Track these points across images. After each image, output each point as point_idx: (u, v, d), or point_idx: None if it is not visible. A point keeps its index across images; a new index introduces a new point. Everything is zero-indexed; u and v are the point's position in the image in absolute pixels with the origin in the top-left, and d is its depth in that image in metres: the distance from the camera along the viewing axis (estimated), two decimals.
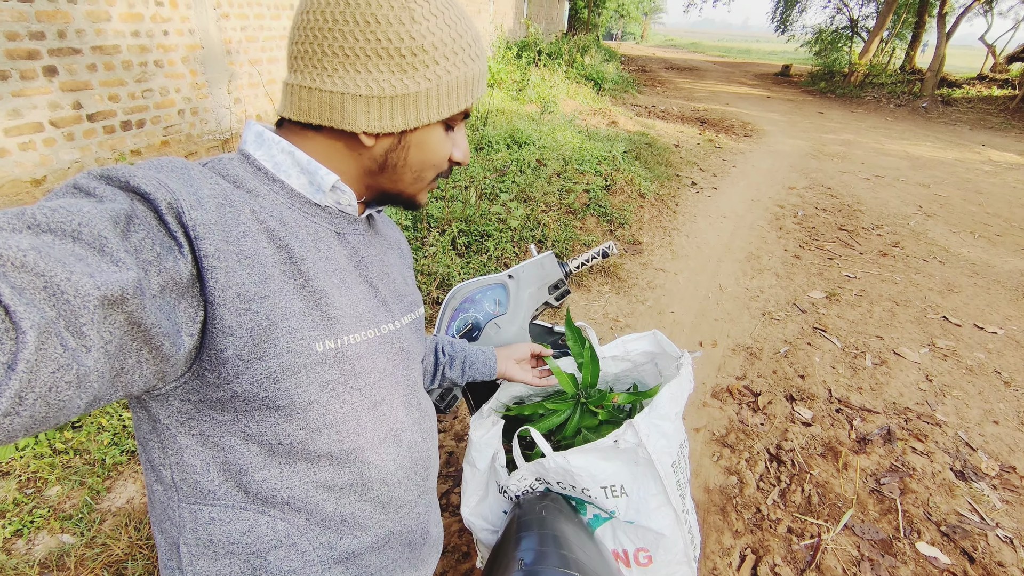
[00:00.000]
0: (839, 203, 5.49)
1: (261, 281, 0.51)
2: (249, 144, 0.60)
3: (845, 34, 20.09)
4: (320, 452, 0.59)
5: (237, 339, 0.50)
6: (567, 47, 11.53)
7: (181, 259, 0.46)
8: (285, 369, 0.53)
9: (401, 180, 0.64)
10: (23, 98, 2.72)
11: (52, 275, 0.34)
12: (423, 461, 0.73)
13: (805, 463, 2.11)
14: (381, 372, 0.65)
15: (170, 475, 0.57)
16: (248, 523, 0.58)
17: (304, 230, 0.59)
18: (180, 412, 0.54)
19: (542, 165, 4.36)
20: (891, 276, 3.84)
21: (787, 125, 10.26)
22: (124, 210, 0.42)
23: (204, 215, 0.48)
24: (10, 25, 2.63)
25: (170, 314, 0.45)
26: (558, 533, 1.00)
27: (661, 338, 1.26)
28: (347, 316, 0.60)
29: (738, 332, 3.04)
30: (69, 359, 0.34)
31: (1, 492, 1.69)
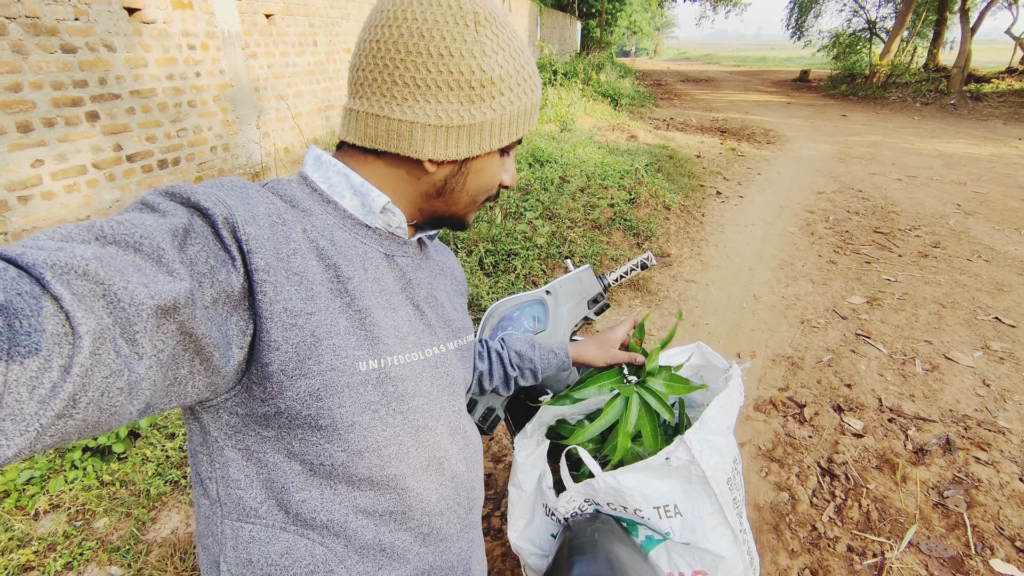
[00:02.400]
0: (872, 205, 5.34)
1: (308, 298, 0.52)
2: (308, 166, 0.62)
3: (863, 36, 19.84)
4: (361, 476, 0.59)
5: (282, 354, 0.50)
6: (582, 65, 11.64)
7: (234, 272, 0.47)
8: (328, 387, 0.53)
9: (457, 203, 0.66)
10: (68, 143, 2.85)
11: (111, 283, 0.35)
12: (467, 492, 0.71)
13: (860, 476, 2.01)
14: (425, 396, 0.64)
15: (216, 489, 0.58)
16: (287, 545, 0.58)
17: (353, 250, 0.59)
18: (229, 425, 0.55)
19: (565, 182, 4.37)
20: (934, 278, 3.69)
21: (810, 130, 10.10)
22: (183, 224, 0.44)
23: (257, 231, 0.49)
24: (56, 75, 2.77)
25: (222, 326, 0.46)
26: (612, 557, 0.96)
27: (706, 350, 1.22)
28: (391, 337, 0.60)
29: (777, 342, 2.94)
30: (121, 365, 0.35)
31: (52, 525, 1.71)
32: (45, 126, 2.76)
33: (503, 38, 0.58)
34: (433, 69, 0.56)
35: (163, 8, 3.30)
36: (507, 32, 0.59)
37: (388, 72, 0.56)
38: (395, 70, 0.56)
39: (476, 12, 0.56)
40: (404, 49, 0.55)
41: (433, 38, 0.55)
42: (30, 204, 2.68)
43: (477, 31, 0.56)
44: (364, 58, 0.58)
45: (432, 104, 0.57)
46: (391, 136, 0.59)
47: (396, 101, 0.57)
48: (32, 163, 2.69)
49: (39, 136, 2.73)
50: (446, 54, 0.55)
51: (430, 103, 0.57)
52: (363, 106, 0.59)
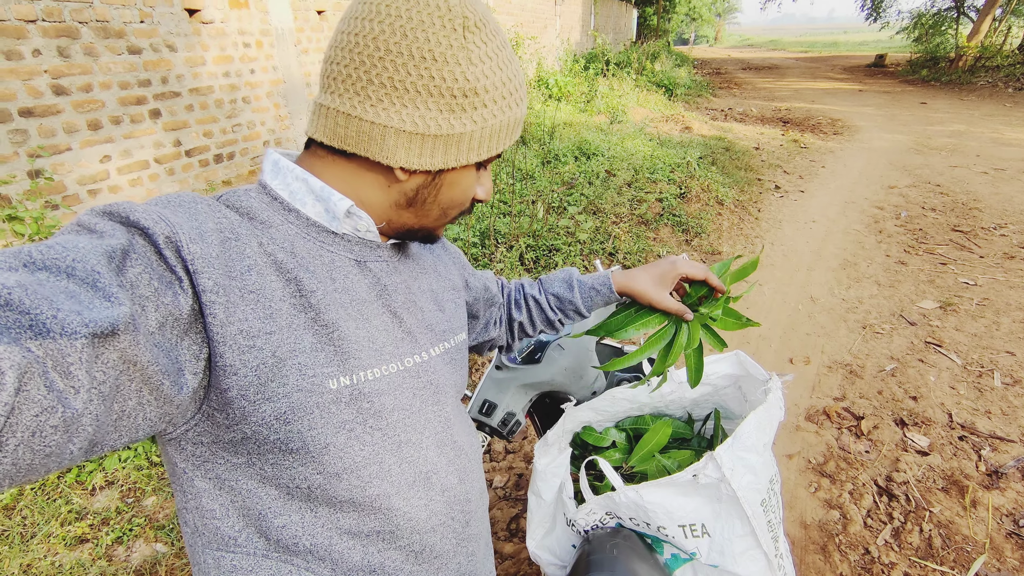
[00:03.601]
0: (951, 201, 4.91)
1: (266, 316, 0.49)
2: (267, 173, 0.59)
3: (949, 16, 18.29)
4: (342, 498, 0.56)
5: (241, 378, 0.48)
6: (636, 55, 11.33)
7: (181, 293, 0.44)
8: (296, 409, 0.51)
9: (427, 216, 0.62)
10: (132, 139, 3.01)
11: (37, 312, 0.32)
12: (461, 506, 0.67)
13: (923, 498, 1.85)
14: (406, 409, 0.61)
15: (192, 519, 0.56)
16: (271, 572, 0.56)
17: (318, 260, 0.56)
18: (194, 455, 0.52)
19: (611, 176, 4.25)
20: (1021, 282, 3.35)
21: (884, 119, 9.42)
22: (121, 244, 0.41)
23: (204, 248, 0.46)
24: (123, 75, 2.93)
25: (170, 352, 0.43)
26: (634, 572, 0.90)
27: (744, 359, 1.14)
28: (364, 350, 0.56)
29: (834, 348, 2.75)
30: (54, 401, 0.32)
31: (107, 500, 1.82)
32: (112, 124, 2.93)
33: (492, 46, 0.55)
34: (414, 72, 0.52)
35: (221, 8, 3.42)
36: (497, 40, 0.56)
37: (365, 69, 0.53)
38: (372, 68, 0.52)
39: (465, 16, 0.52)
40: (384, 47, 0.52)
41: (417, 39, 0.51)
42: (98, 197, 2.85)
43: (465, 36, 0.53)
44: (340, 51, 0.54)
45: (409, 109, 0.54)
46: (361, 138, 0.55)
47: (370, 101, 0.54)
48: (101, 159, 2.86)
49: (107, 133, 2.90)
50: (429, 57, 0.52)
51: (407, 107, 0.54)
52: (334, 102, 0.55)
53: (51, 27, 2.62)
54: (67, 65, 2.70)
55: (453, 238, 3.25)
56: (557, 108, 6.84)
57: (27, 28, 2.53)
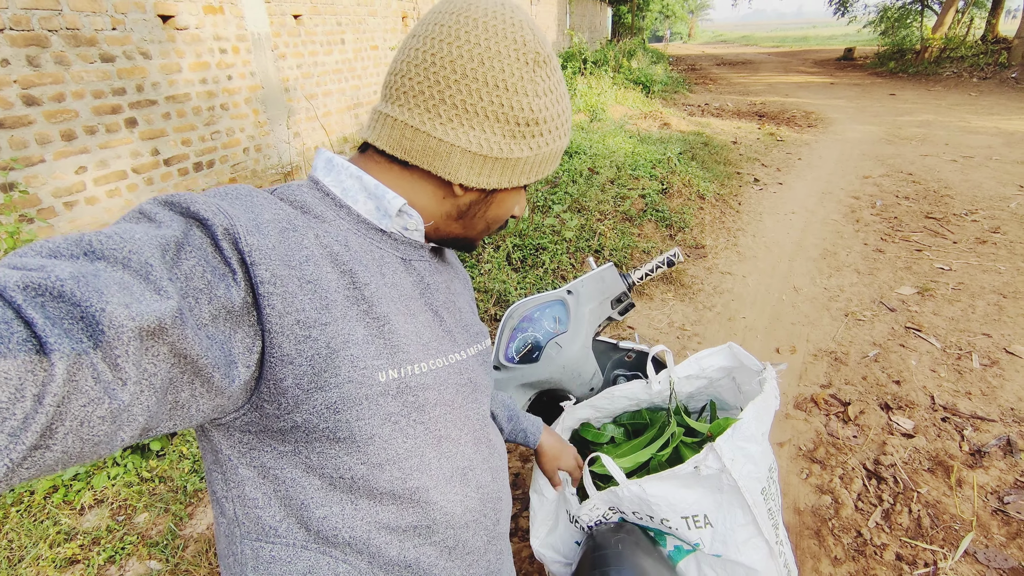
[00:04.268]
0: (923, 189, 5.04)
1: (322, 307, 0.50)
2: (319, 170, 0.61)
3: (914, 9, 18.75)
4: (383, 489, 0.57)
5: (297, 367, 0.49)
6: (612, 53, 11.40)
7: (234, 286, 0.45)
8: (346, 400, 0.52)
9: (474, 229, 0.66)
10: (109, 149, 2.95)
11: (88, 305, 0.33)
12: (493, 504, 0.69)
13: (910, 480, 1.90)
14: (448, 405, 0.62)
15: (232, 509, 0.57)
16: (309, 564, 0.57)
17: (369, 255, 0.58)
18: (241, 443, 0.54)
19: (594, 173, 4.28)
20: (993, 265, 3.45)
21: (855, 111, 9.63)
22: (177, 236, 0.42)
23: (262, 240, 0.47)
24: (96, 84, 2.87)
25: (223, 344, 0.44)
26: (637, 569, 0.91)
27: (738, 351, 1.15)
28: (412, 344, 0.58)
29: (819, 336, 2.81)
30: (101, 392, 0.33)
31: (96, 519, 1.78)
32: (87, 134, 2.87)
33: (553, 81, 0.60)
34: (486, 98, 0.56)
35: (195, 14, 3.37)
36: (557, 76, 0.61)
37: (439, 89, 0.56)
38: (446, 89, 0.56)
39: (537, 52, 0.57)
40: (460, 71, 0.55)
41: (492, 68, 0.55)
42: (75, 209, 2.79)
43: (534, 70, 0.57)
44: (413, 67, 0.57)
45: (476, 131, 0.57)
46: (427, 152, 0.58)
47: (440, 120, 0.57)
48: (76, 170, 2.80)
49: (82, 144, 2.83)
50: (502, 86, 0.56)
51: (474, 130, 0.57)
52: (402, 115, 0.58)
53: (19, 36, 2.55)
54: (37, 75, 2.63)
55: None
56: None
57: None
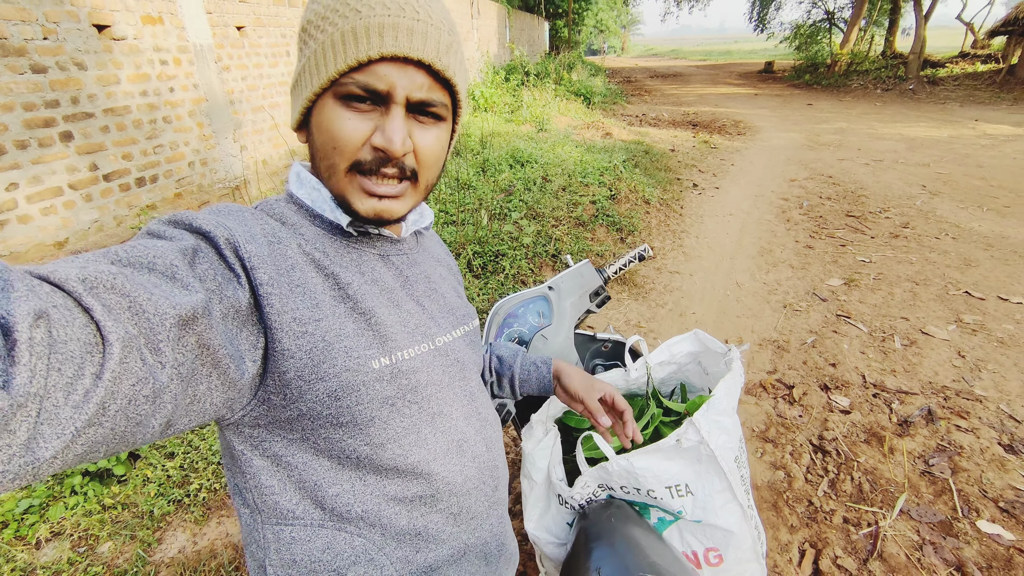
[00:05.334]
0: (842, 190, 5.50)
1: (313, 306, 0.55)
2: (292, 184, 0.65)
3: (823, 27, 20.38)
4: (387, 465, 0.61)
5: (297, 360, 0.53)
6: (553, 66, 11.73)
7: (240, 288, 0.50)
8: (345, 387, 0.56)
9: (320, 172, 0.61)
10: (42, 164, 2.79)
11: (136, 296, 0.38)
12: (490, 471, 0.73)
13: (850, 451, 2.09)
14: (438, 384, 0.67)
15: (252, 498, 0.60)
16: (327, 540, 0.60)
17: (347, 257, 0.63)
18: (252, 437, 0.57)
19: (547, 181, 4.41)
20: (906, 257, 3.83)
21: (778, 120, 10.34)
22: (191, 245, 0.48)
23: (258, 249, 0.53)
24: (27, 96, 2.72)
25: (233, 340, 0.48)
26: (629, 539, 0.99)
27: (703, 336, 1.27)
28: (399, 333, 0.62)
29: (762, 327, 3.03)
30: (147, 373, 0.37)
31: (55, 553, 1.69)
32: (18, 148, 2.70)
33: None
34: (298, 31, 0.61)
35: (133, 24, 3.25)
36: None
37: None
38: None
39: None
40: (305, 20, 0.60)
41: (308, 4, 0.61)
42: (7, 229, 2.62)
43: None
44: None
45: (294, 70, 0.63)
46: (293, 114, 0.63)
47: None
48: (7, 187, 2.63)
49: (12, 159, 2.67)
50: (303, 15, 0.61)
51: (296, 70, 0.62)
52: None
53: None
54: None
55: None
56: (484, 119, 6.97)
57: None
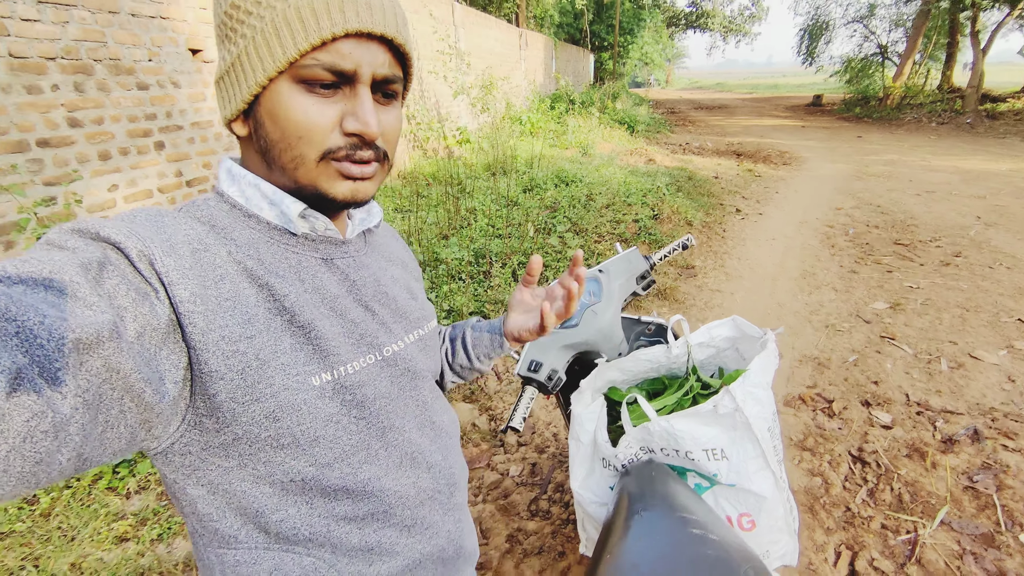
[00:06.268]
0: (891, 219, 5.43)
1: (245, 321, 0.50)
2: (223, 182, 0.59)
3: (875, 60, 20.11)
4: (335, 486, 0.58)
5: (228, 382, 0.49)
6: (598, 95, 12.02)
7: (158, 303, 0.45)
8: (284, 407, 0.52)
9: (278, 164, 0.55)
10: (139, 169, 3.13)
11: (24, 320, 0.32)
12: (447, 479, 0.70)
13: (891, 464, 2.10)
14: (387, 397, 0.62)
15: (191, 523, 0.57)
16: (275, 562, 0.57)
17: (285, 263, 0.57)
18: (184, 466, 0.53)
19: (591, 200, 4.57)
20: (956, 284, 3.77)
21: (826, 151, 10.25)
22: (96, 257, 0.42)
23: (177, 261, 0.47)
24: (131, 109, 3.08)
25: (151, 361, 0.43)
26: (669, 492, 1.09)
27: (741, 322, 1.37)
28: (342, 345, 0.58)
29: (803, 344, 3.05)
30: (43, 406, 0.32)
31: (142, 502, 1.89)
32: (121, 154, 3.06)
33: None
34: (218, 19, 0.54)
35: None
36: None
37: None
38: None
39: None
40: None
41: None
42: None
43: None
44: None
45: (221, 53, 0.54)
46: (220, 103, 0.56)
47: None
48: (109, 188, 2.97)
49: (115, 163, 3.02)
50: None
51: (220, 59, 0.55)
52: None
53: (69, 64, 2.76)
54: (82, 99, 2.83)
55: (451, 257, 3.46)
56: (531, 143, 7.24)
57: (47, 65, 2.67)
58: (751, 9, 28.77)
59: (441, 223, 4.04)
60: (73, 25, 2.76)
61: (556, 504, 1.95)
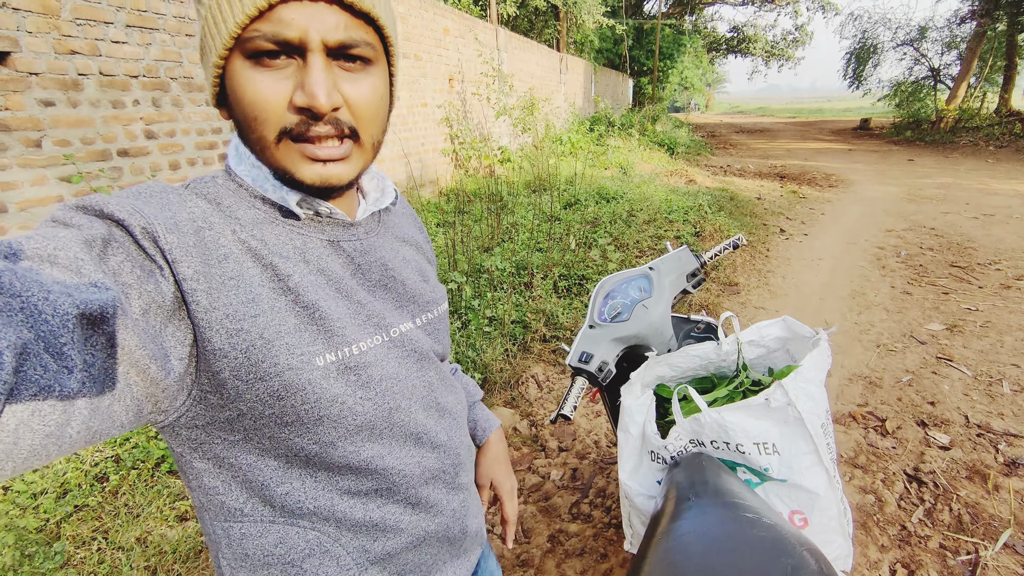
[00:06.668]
0: (946, 242, 5.24)
1: (249, 300, 0.50)
2: (231, 158, 0.58)
3: (927, 84, 19.54)
4: (338, 463, 0.58)
5: (232, 360, 0.49)
6: (637, 117, 12.09)
7: (163, 280, 0.45)
8: (288, 387, 0.52)
9: (250, 148, 0.55)
10: None
11: (28, 295, 0.33)
12: (452, 459, 0.70)
13: (949, 485, 2.01)
14: (393, 378, 0.62)
15: (198, 497, 0.58)
16: (279, 535, 0.58)
17: (289, 245, 0.56)
18: (190, 439, 0.53)
19: (632, 216, 4.59)
20: (1019, 307, 3.60)
21: (874, 174, 9.97)
22: (100, 234, 0.42)
23: (181, 239, 0.47)
24: (200, 124, 3.31)
25: (156, 337, 0.43)
26: (721, 483, 1.09)
27: (792, 323, 1.36)
28: (348, 326, 0.57)
29: (852, 363, 2.96)
30: (50, 380, 0.32)
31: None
32: (188, 164, 3.28)
33: None
34: None
35: None
36: None
37: None
38: None
39: None
40: None
41: None
42: None
43: None
44: None
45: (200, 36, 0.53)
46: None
47: None
48: None
49: (184, 173, 3.23)
50: None
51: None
52: None
53: (149, 81, 3.00)
54: (158, 113, 3.07)
55: (494, 267, 3.53)
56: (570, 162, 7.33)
57: (131, 82, 2.91)
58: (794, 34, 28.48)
59: (483, 236, 4.14)
60: (155, 47, 3.01)
61: (598, 508, 1.95)
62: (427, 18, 6.30)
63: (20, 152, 2.43)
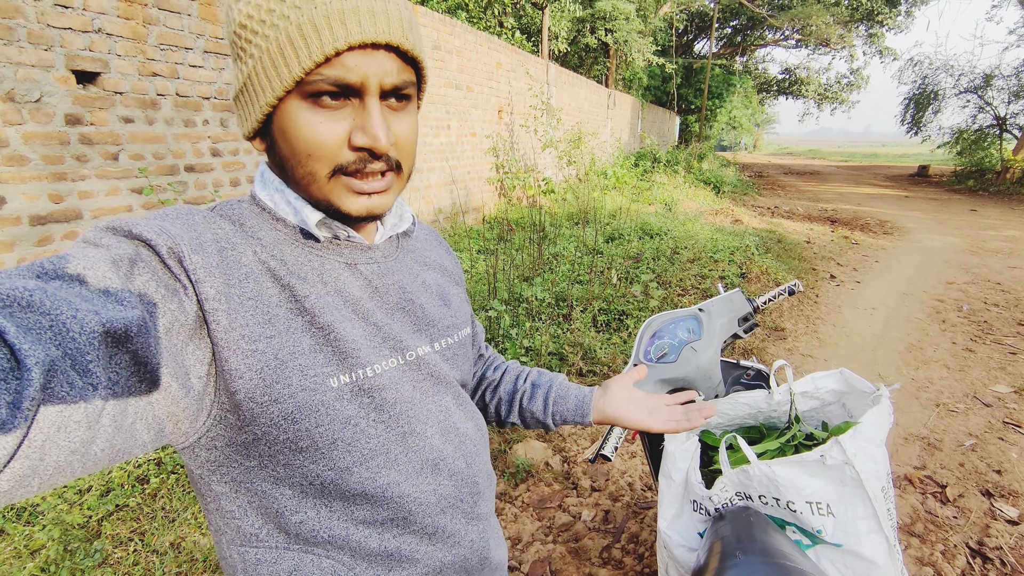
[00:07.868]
0: (1013, 298, 4.93)
1: (265, 321, 0.52)
2: (256, 184, 0.61)
3: (992, 133, 18.77)
4: (354, 490, 0.58)
5: (247, 381, 0.50)
6: (683, 155, 12.04)
7: (187, 300, 0.47)
8: (302, 408, 0.53)
9: (294, 180, 0.56)
10: None
11: (57, 313, 0.34)
12: (470, 488, 0.69)
13: (1018, 564, 1.84)
14: (408, 401, 0.62)
15: (215, 520, 0.58)
16: (294, 563, 0.58)
17: (308, 266, 0.58)
18: (209, 461, 0.54)
19: (676, 253, 4.53)
20: None
21: (933, 223, 9.56)
22: (128, 254, 0.43)
23: (205, 259, 0.49)
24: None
25: (177, 356, 0.45)
26: (770, 541, 1.03)
27: (850, 376, 1.29)
28: (363, 348, 0.58)
29: (908, 422, 2.78)
30: (76, 396, 0.33)
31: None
32: (248, 183, 3.43)
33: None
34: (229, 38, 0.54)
35: None
36: None
37: None
38: None
39: None
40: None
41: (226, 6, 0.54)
42: None
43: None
44: None
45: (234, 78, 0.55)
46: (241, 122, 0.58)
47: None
48: None
49: (243, 190, 3.39)
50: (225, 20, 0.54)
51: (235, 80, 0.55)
52: None
53: (219, 103, 3.19)
54: (224, 133, 3.24)
55: (533, 297, 3.52)
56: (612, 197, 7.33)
57: (203, 103, 3.09)
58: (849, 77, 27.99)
59: (524, 265, 4.15)
60: (227, 71, 3.20)
61: (630, 555, 1.87)
62: (481, 52, 6.51)
63: (99, 164, 2.61)
